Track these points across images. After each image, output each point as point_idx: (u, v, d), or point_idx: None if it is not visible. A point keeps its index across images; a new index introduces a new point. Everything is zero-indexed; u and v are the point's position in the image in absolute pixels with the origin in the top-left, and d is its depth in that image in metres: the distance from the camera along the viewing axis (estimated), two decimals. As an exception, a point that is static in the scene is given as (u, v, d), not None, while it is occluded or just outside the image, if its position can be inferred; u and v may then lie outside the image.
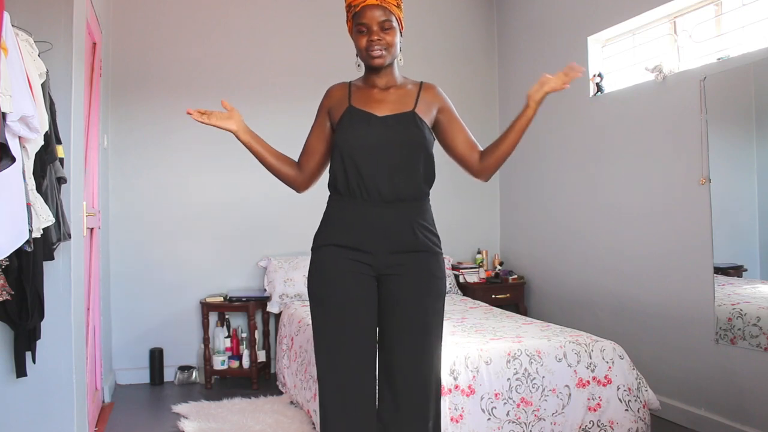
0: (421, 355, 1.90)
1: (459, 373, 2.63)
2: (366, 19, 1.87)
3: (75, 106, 2.60)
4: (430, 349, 1.91)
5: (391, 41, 1.89)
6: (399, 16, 1.93)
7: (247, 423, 3.29)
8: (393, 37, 1.90)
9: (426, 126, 1.96)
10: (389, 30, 1.88)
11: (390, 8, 1.88)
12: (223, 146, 4.48)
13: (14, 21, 2.12)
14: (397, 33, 1.92)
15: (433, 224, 2.00)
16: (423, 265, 1.92)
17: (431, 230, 1.98)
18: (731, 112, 3.21)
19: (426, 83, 2.04)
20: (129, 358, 4.26)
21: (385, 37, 1.88)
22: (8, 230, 1.86)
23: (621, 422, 2.77)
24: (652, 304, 3.51)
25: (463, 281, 4.69)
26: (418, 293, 1.91)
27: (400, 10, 1.93)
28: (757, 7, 3.04)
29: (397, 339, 1.91)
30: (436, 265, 1.95)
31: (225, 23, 4.52)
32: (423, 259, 1.93)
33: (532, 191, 4.67)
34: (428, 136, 1.97)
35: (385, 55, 1.90)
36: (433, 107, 2.00)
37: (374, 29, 1.87)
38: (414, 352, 1.90)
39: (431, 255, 1.94)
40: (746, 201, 3.09)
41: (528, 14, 4.71)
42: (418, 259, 1.92)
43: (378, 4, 1.86)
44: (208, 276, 4.43)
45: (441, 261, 1.98)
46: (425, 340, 1.91)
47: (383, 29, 1.88)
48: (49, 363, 2.44)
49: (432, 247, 1.96)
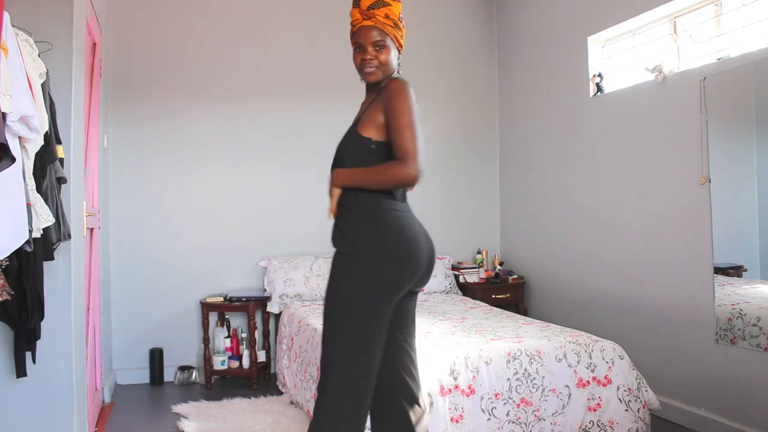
0: (323, 347, 2.01)
1: (459, 373, 2.63)
2: (361, 38, 2.00)
3: (75, 106, 2.60)
4: (327, 345, 1.99)
5: (384, 60, 2.01)
6: (395, 36, 2.03)
7: (247, 423, 3.29)
8: (386, 56, 2.01)
9: (364, 140, 1.98)
10: (382, 49, 2.00)
11: (385, 29, 1.99)
12: (223, 146, 4.50)
13: (14, 21, 2.12)
14: (392, 51, 2.03)
15: (351, 222, 1.98)
16: (332, 264, 2.01)
17: (344, 230, 1.99)
18: (731, 112, 3.21)
19: (389, 83, 2.02)
20: (129, 358, 4.26)
21: (378, 56, 2.00)
22: (8, 230, 1.86)
23: (621, 422, 2.77)
24: (652, 304, 3.51)
25: (463, 281, 4.69)
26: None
27: (397, 30, 2.03)
28: (757, 7, 3.04)
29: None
30: (336, 265, 1.99)
31: (225, 23, 4.52)
32: (333, 259, 2.01)
33: (532, 191, 4.67)
34: (360, 150, 1.99)
35: (376, 72, 2.01)
36: (380, 110, 2.00)
37: (368, 48, 2.00)
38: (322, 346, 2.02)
39: (336, 254, 2.00)
40: (746, 201, 3.08)
41: (528, 14, 4.71)
42: (333, 259, 2.02)
43: (373, 25, 1.99)
44: (208, 276, 4.43)
45: (343, 261, 1.97)
46: (324, 333, 2.00)
47: (376, 48, 2.00)
48: (49, 363, 2.44)
49: (339, 246, 1.99)
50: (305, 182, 4.48)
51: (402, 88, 1.96)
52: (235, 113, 4.51)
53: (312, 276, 4.32)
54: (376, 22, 1.98)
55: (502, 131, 5.08)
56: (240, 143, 4.50)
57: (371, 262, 1.94)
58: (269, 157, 4.54)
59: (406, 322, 2.09)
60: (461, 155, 5.00)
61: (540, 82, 4.56)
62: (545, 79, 4.49)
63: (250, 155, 4.53)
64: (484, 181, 5.07)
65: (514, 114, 4.91)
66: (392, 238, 1.96)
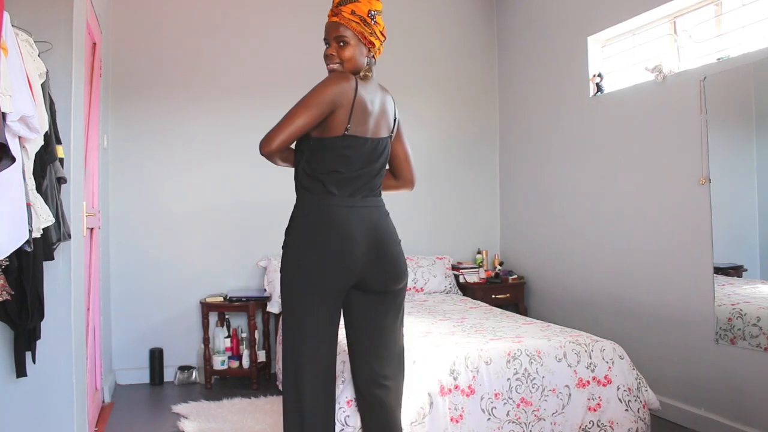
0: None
1: (459, 373, 2.63)
2: (327, 34, 2.07)
3: (75, 106, 2.60)
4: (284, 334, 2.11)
5: (346, 56, 2.04)
6: (362, 32, 2.02)
7: (247, 423, 3.30)
8: (350, 52, 2.03)
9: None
10: (345, 45, 2.03)
11: (349, 25, 2.02)
12: (223, 146, 4.50)
13: (14, 21, 2.13)
14: (356, 48, 2.04)
15: (293, 219, 2.08)
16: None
17: (288, 226, 2.10)
18: (731, 112, 3.21)
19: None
20: (129, 358, 4.26)
21: (340, 52, 2.05)
22: (8, 230, 1.86)
23: (621, 422, 2.77)
24: (652, 304, 3.51)
25: (463, 281, 4.69)
26: None
27: (365, 26, 2.02)
28: (757, 7, 3.04)
29: None
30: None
31: (225, 23, 4.52)
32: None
33: (532, 191, 4.67)
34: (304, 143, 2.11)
35: (338, 68, 2.06)
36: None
37: (332, 44, 2.06)
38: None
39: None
40: (746, 201, 3.09)
41: (528, 14, 4.71)
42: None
43: (337, 21, 2.03)
44: (208, 276, 4.43)
45: (283, 257, 2.08)
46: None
47: (339, 44, 2.04)
48: (49, 363, 2.44)
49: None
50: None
51: (323, 81, 2.00)
52: (235, 112, 4.51)
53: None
54: (340, 18, 2.01)
55: (501, 131, 5.08)
56: (240, 142, 4.50)
57: (294, 256, 2.01)
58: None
59: (367, 323, 2.14)
60: (461, 155, 5.00)
61: (540, 82, 4.56)
62: (545, 79, 4.49)
63: (250, 154, 4.50)
64: (484, 181, 5.07)
65: (514, 114, 4.91)
66: (316, 232, 1.99)
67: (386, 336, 2.17)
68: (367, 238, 2.03)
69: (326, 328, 2.05)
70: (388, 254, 2.08)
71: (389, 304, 2.16)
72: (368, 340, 2.15)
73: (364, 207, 2.06)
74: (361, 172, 2.06)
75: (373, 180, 2.11)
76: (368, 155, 2.07)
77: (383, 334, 2.16)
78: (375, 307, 2.14)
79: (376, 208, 2.11)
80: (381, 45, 2.11)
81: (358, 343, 2.17)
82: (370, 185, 2.10)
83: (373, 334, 2.15)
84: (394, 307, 2.17)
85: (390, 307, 2.16)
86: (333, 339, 2.09)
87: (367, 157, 2.07)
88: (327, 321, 2.04)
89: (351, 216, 2.02)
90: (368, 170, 2.08)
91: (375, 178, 2.12)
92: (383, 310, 2.15)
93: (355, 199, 2.05)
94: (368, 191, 2.09)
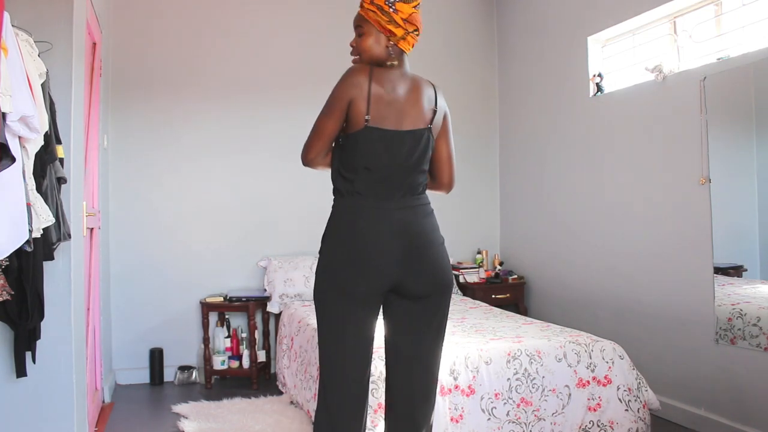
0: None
1: (459, 373, 2.63)
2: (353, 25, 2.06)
3: (75, 106, 2.60)
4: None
5: (363, 46, 2.02)
6: (378, 21, 1.98)
7: (247, 423, 3.29)
8: (365, 42, 2.01)
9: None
10: (362, 36, 2.01)
11: (366, 15, 2.00)
12: (223, 146, 4.50)
13: (14, 21, 2.12)
14: (371, 37, 2.01)
15: (327, 223, 2.09)
16: None
17: (324, 230, 2.12)
18: (731, 112, 3.21)
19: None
20: (129, 358, 4.26)
21: (358, 42, 2.03)
22: (8, 230, 1.86)
23: (621, 422, 2.77)
24: (652, 304, 3.51)
25: (463, 281, 4.69)
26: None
27: (382, 15, 1.97)
28: (757, 7, 3.04)
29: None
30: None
31: (225, 23, 4.52)
32: None
33: (532, 191, 4.67)
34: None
35: (358, 58, 2.04)
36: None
37: (355, 35, 2.05)
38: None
39: None
40: (746, 201, 3.09)
41: (528, 14, 4.71)
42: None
43: (359, 12, 2.02)
44: (208, 276, 4.43)
45: (317, 261, 2.09)
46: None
47: (358, 35, 2.03)
48: (49, 363, 2.44)
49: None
50: (306, 182, 4.47)
51: (340, 78, 1.99)
52: (235, 112, 4.51)
53: (312, 276, 4.32)
54: (362, 9, 2.01)
55: (501, 131, 5.08)
56: (240, 143, 4.50)
57: (323, 261, 1.98)
58: (270, 157, 4.54)
59: (405, 330, 2.01)
60: (461, 155, 4.96)
61: (540, 82, 4.56)
62: (545, 79, 4.49)
63: (250, 154, 4.53)
64: (484, 181, 5.07)
65: (514, 114, 4.91)
66: (342, 237, 1.95)
67: (423, 350, 2.02)
68: (399, 243, 1.92)
69: (356, 335, 1.95)
70: (424, 257, 1.96)
71: (430, 313, 2.00)
72: (406, 350, 2.03)
73: (397, 209, 1.95)
74: (392, 170, 1.95)
75: (410, 177, 1.98)
76: (397, 149, 1.94)
77: (420, 346, 2.02)
78: (415, 314, 2.00)
79: (413, 208, 1.98)
80: (407, 34, 2.03)
81: (395, 351, 2.05)
82: (407, 184, 1.98)
83: (411, 345, 2.02)
84: (435, 317, 2.01)
85: (430, 316, 2.00)
86: (363, 346, 1.98)
87: (396, 152, 1.94)
88: (356, 328, 1.95)
89: (380, 220, 1.93)
90: (401, 167, 1.96)
91: (412, 175, 1.99)
92: (423, 318, 2.01)
93: (387, 202, 1.95)
94: (405, 190, 1.98)
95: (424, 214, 2.02)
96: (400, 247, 1.93)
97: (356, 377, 1.98)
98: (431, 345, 2.04)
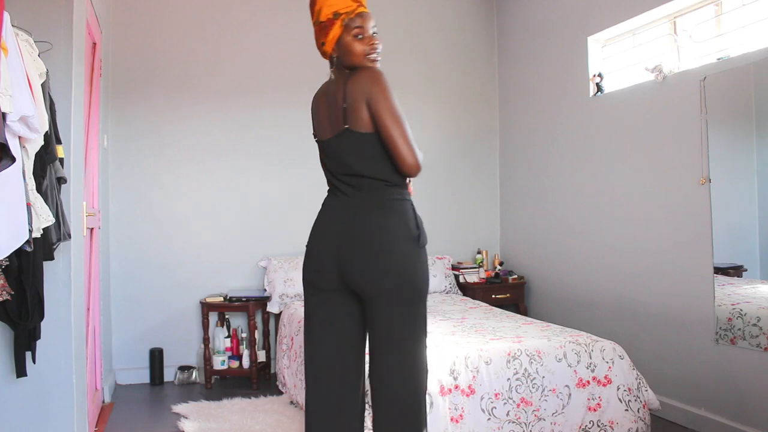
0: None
1: (459, 373, 2.63)
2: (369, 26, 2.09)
3: (75, 106, 2.60)
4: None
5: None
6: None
7: (247, 423, 3.29)
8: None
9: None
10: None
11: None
12: (223, 146, 4.50)
13: (14, 21, 2.12)
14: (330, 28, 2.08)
15: None
16: None
17: None
18: (731, 112, 3.21)
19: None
20: (129, 358, 4.26)
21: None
22: (8, 230, 1.86)
23: (621, 422, 2.77)
24: (652, 304, 3.51)
25: (463, 281, 4.68)
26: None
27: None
28: (757, 7, 3.04)
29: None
30: None
31: (225, 23, 4.52)
32: None
33: (532, 191, 4.67)
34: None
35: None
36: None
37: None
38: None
39: None
40: (746, 201, 3.08)
41: (528, 14, 4.71)
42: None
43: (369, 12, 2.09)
44: (208, 276, 4.43)
45: None
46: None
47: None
48: (49, 363, 2.44)
49: None
50: (305, 181, 4.47)
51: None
52: (234, 112, 4.51)
53: (312, 276, 4.32)
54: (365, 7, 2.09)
55: (501, 131, 5.08)
56: (240, 143, 4.50)
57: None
58: (269, 157, 4.54)
59: (371, 332, 1.95)
60: (461, 155, 4.99)
61: (540, 82, 4.56)
62: (545, 79, 4.49)
63: (250, 154, 4.53)
64: (484, 181, 5.07)
65: (514, 114, 4.91)
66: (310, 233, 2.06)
67: (377, 362, 1.93)
68: (336, 237, 1.92)
69: (318, 327, 2.00)
70: (357, 252, 1.90)
71: (376, 317, 1.91)
72: (370, 360, 1.97)
73: (342, 208, 1.96)
74: (339, 172, 1.99)
75: (353, 178, 1.95)
76: (333, 156, 1.99)
77: (374, 356, 1.93)
78: (367, 318, 1.95)
79: (358, 202, 1.94)
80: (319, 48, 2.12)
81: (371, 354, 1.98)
82: (353, 182, 1.95)
83: (372, 354, 1.95)
84: (380, 321, 1.90)
85: (377, 320, 1.90)
86: (327, 339, 1.98)
87: (333, 158, 1.99)
88: (318, 320, 2.00)
89: (327, 215, 1.99)
90: (342, 170, 1.97)
91: (354, 176, 1.94)
92: (371, 323, 1.93)
93: (337, 198, 1.99)
94: (351, 188, 1.95)
95: (368, 208, 1.92)
96: (338, 241, 1.93)
97: (329, 376, 1.98)
98: (384, 358, 1.91)
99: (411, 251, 1.90)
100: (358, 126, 1.91)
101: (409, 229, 1.91)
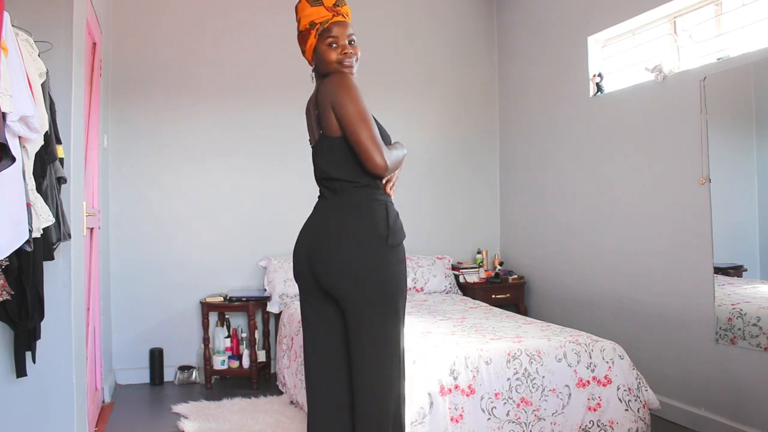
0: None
1: (459, 373, 2.63)
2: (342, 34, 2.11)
3: (75, 106, 2.60)
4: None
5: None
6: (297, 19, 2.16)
7: (247, 423, 3.29)
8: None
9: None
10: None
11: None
12: (223, 146, 4.50)
13: (14, 21, 2.12)
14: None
15: None
16: None
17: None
18: (731, 112, 3.21)
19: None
20: (129, 358, 4.26)
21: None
22: (8, 230, 1.86)
23: (621, 422, 2.77)
24: (652, 304, 3.51)
25: (463, 281, 4.69)
26: None
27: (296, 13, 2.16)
28: (757, 7, 3.04)
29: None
30: None
31: (225, 23, 4.52)
32: None
33: (532, 191, 4.67)
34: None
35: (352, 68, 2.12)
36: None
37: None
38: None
39: None
40: (746, 201, 3.09)
41: (528, 14, 4.71)
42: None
43: (348, 22, 2.12)
44: (208, 276, 4.43)
45: None
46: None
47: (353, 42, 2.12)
48: (49, 363, 2.44)
49: None
50: (306, 181, 4.44)
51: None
52: (235, 112, 4.51)
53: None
54: (347, 17, 2.11)
55: (501, 131, 5.08)
56: (240, 143, 4.50)
57: None
58: (269, 157, 4.54)
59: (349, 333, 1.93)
60: (461, 155, 4.99)
61: (540, 82, 4.56)
62: (545, 79, 4.49)
63: (250, 155, 4.53)
64: (484, 181, 5.07)
65: (514, 114, 4.91)
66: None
67: (354, 367, 1.91)
68: (310, 238, 2.00)
69: (308, 326, 2.04)
70: (322, 253, 1.93)
71: (347, 318, 1.92)
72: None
73: (319, 208, 2.06)
74: (319, 177, 2.10)
75: (330, 182, 2.03)
76: (314, 161, 2.10)
77: (354, 361, 1.92)
78: (344, 315, 1.95)
79: (332, 205, 2.00)
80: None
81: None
82: (330, 186, 2.04)
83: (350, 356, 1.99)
84: (348, 322, 1.91)
85: (347, 321, 1.91)
86: (319, 338, 2.00)
87: (314, 164, 2.11)
88: (307, 320, 2.04)
89: (309, 218, 2.09)
90: (320, 174, 2.08)
91: (330, 180, 2.02)
92: (347, 320, 1.92)
93: (319, 201, 2.11)
94: (329, 191, 2.04)
95: (338, 210, 1.97)
96: (307, 245, 2.01)
97: (325, 376, 2.01)
98: (359, 363, 1.89)
99: (377, 251, 1.88)
100: (329, 131, 1.98)
101: (377, 229, 1.90)
